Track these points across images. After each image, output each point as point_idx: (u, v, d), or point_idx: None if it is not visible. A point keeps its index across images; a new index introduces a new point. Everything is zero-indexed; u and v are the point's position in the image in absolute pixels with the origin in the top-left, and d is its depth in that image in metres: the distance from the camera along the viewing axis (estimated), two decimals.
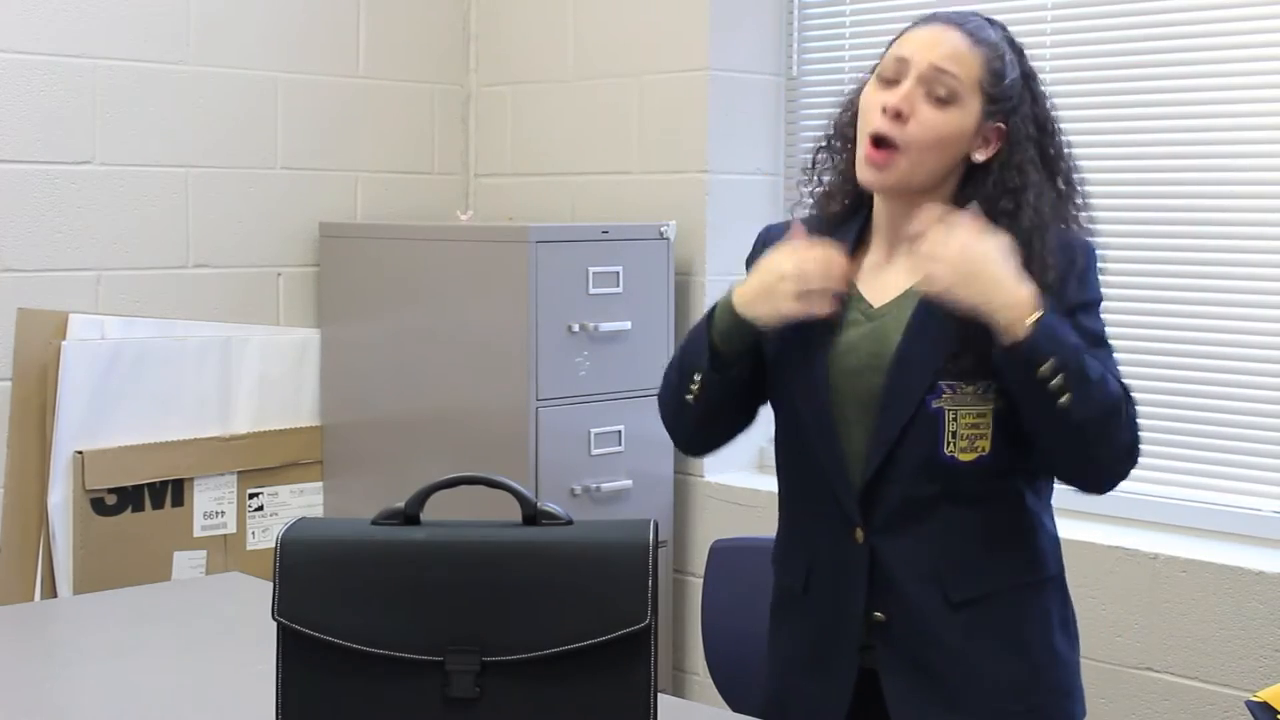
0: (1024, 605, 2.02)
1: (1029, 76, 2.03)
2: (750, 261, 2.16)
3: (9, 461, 3.49)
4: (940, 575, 1.98)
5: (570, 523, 1.59)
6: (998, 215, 1.96)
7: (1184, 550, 2.93)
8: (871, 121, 1.98)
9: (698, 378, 2.03)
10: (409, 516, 1.60)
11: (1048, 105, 2.05)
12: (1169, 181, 3.09)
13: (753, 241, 2.21)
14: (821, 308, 1.97)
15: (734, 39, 3.71)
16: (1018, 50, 2.03)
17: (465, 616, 1.53)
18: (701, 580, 2.63)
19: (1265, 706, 1.90)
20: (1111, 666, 2.98)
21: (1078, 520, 3.11)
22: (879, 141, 1.97)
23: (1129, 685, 2.96)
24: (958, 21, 2.00)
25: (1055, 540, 2.07)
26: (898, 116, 1.95)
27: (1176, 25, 3.07)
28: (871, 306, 2.03)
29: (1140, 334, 3.11)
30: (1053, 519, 2.08)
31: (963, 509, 1.98)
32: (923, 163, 1.96)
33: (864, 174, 2.00)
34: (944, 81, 1.95)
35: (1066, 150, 2.05)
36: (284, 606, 1.56)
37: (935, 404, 1.95)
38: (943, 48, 1.96)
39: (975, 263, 1.87)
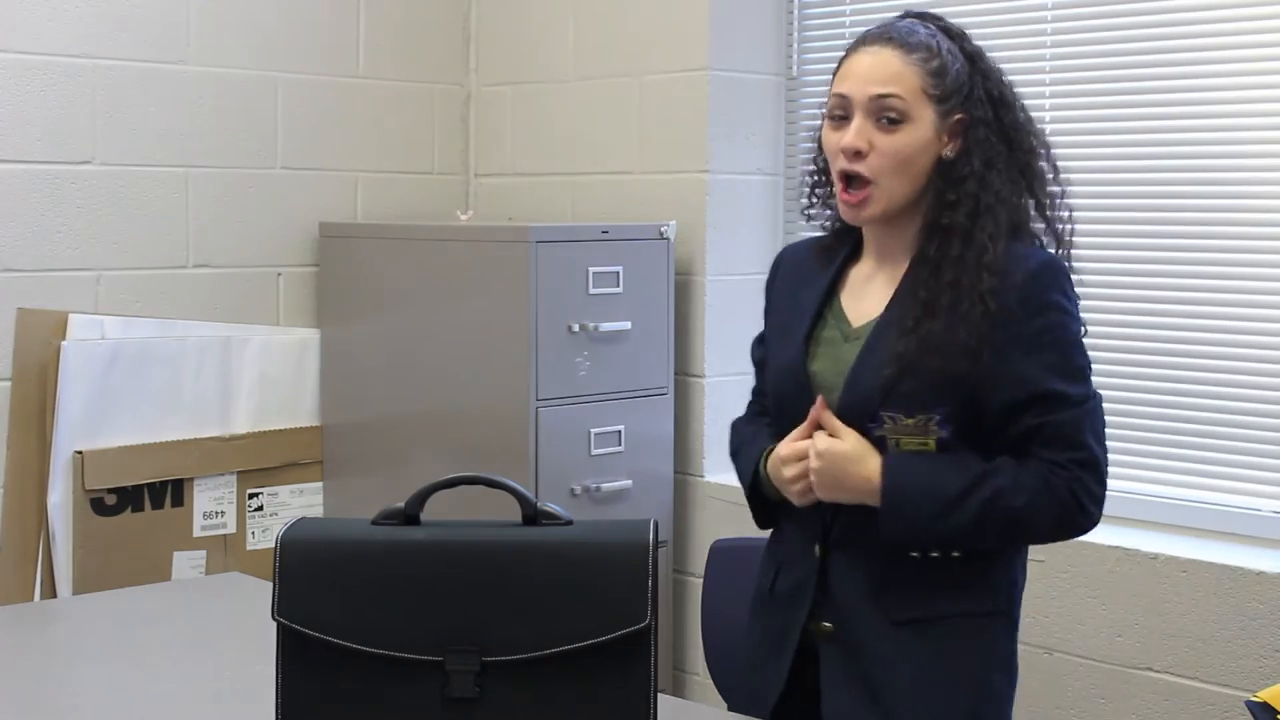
0: (965, 635, 2.02)
1: (974, 56, 2.04)
2: (769, 286, 2.23)
3: (9, 461, 3.49)
4: (881, 593, 2.01)
5: (570, 523, 1.59)
6: (943, 209, 1.99)
7: (1184, 550, 2.93)
8: (836, 164, 2.02)
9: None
10: (409, 516, 1.60)
11: (1001, 78, 2.05)
12: (1169, 181, 3.08)
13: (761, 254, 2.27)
14: None
15: (734, 39, 3.71)
16: (955, 35, 2.04)
17: (465, 616, 1.53)
18: (701, 580, 2.63)
19: (1265, 706, 1.89)
20: (1111, 666, 2.98)
21: None
22: (849, 180, 2.01)
23: (1129, 685, 2.96)
24: (887, 36, 2.01)
25: (1012, 577, 2.07)
26: (857, 155, 1.98)
27: (1176, 25, 3.07)
28: (850, 326, 2.06)
29: (1140, 333, 3.11)
30: (1020, 555, 2.09)
31: None
32: (896, 187, 2.00)
33: (845, 215, 2.05)
34: (888, 106, 1.98)
35: (1024, 119, 2.05)
36: (284, 606, 1.55)
37: (878, 432, 1.98)
38: (877, 73, 1.99)
39: (825, 469, 1.98)
